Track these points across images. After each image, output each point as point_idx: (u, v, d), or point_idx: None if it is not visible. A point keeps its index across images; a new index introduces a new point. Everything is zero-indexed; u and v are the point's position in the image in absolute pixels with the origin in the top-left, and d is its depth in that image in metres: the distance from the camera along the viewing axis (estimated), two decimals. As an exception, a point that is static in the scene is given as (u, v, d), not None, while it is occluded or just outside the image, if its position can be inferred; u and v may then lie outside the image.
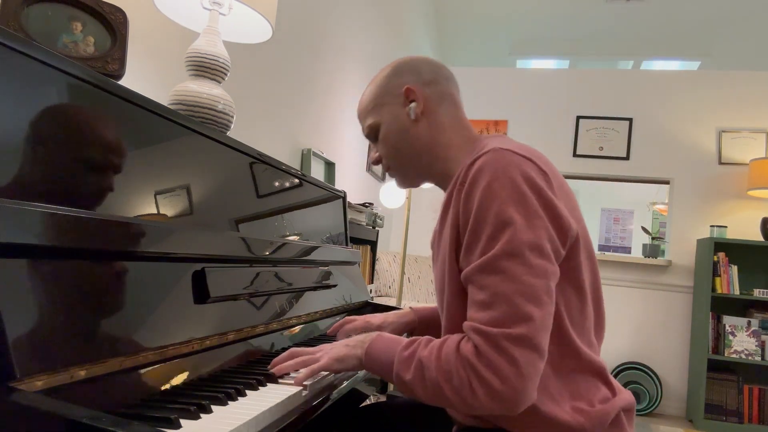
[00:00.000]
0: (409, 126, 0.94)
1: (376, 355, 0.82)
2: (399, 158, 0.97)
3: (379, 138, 0.98)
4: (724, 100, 3.89)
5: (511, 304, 0.72)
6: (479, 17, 5.01)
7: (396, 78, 0.96)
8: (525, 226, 0.74)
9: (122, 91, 0.78)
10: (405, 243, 2.78)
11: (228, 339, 0.86)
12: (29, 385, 0.51)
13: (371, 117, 0.98)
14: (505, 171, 0.77)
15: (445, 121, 0.95)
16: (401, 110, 0.95)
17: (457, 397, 0.73)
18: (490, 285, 0.74)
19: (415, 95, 0.94)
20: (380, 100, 0.97)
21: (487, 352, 0.71)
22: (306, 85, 2.52)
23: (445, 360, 0.75)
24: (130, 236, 0.70)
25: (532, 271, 0.73)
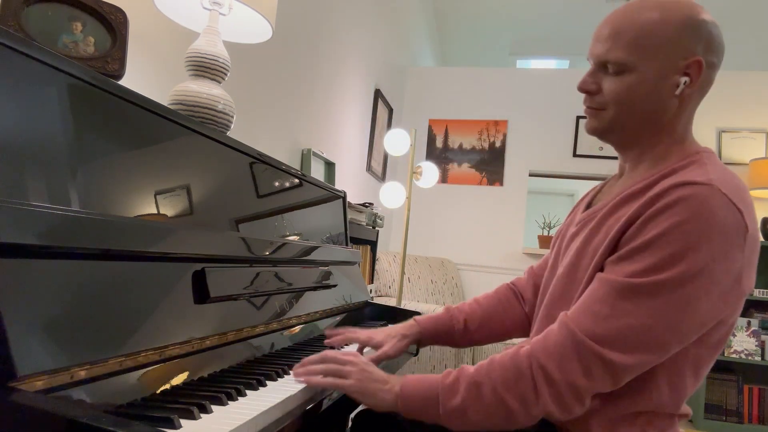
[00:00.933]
0: (665, 96, 0.80)
1: (412, 390, 0.78)
2: (626, 114, 0.82)
3: (621, 80, 0.81)
4: (724, 100, 3.89)
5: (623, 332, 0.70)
6: (479, 17, 5.01)
7: (691, 35, 0.79)
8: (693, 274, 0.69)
9: (122, 91, 0.78)
10: (405, 243, 2.78)
11: (228, 339, 0.86)
12: (29, 385, 0.51)
13: (632, 54, 0.80)
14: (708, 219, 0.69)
15: (690, 111, 0.84)
16: (670, 75, 0.79)
17: (522, 405, 0.72)
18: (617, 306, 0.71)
19: (697, 75, 0.79)
20: (654, 46, 0.79)
21: (567, 354, 0.70)
22: (306, 85, 2.52)
23: (501, 368, 0.74)
24: (131, 236, 0.70)
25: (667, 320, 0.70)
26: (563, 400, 0.71)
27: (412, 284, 3.51)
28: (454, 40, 5.53)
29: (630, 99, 0.81)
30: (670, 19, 0.79)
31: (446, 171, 4.27)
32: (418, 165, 2.94)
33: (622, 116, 0.83)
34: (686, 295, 0.69)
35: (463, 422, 0.75)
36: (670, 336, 0.70)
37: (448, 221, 4.22)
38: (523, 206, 4.10)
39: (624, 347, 0.69)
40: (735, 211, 0.71)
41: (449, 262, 3.98)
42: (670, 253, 0.69)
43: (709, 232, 0.69)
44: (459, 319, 1.10)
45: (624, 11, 0.82)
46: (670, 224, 0.70)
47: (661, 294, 0.69)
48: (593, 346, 0.70)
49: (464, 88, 4.33)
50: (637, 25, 0.80)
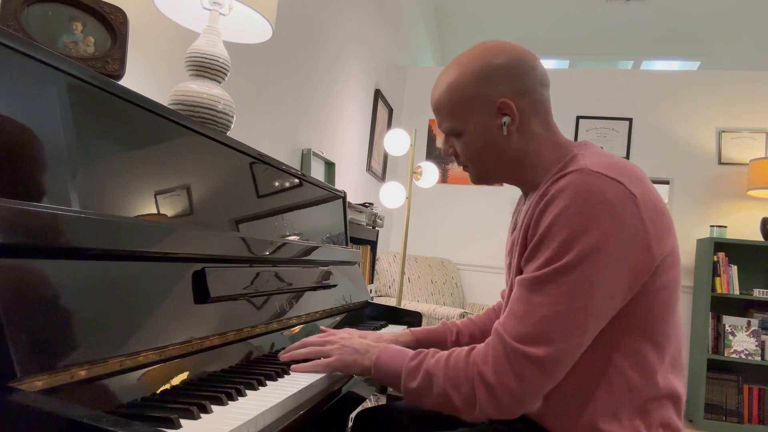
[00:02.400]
0: (499, 139, 0.87)
1: (384, 365, 0.85)
2: (481, 164, 0.91)
3: (461, 141, 0.90)
4: (724, 100, 3.89)
5: (539, 326, 0.73)
6: (479, 17, 5.01)
7: (488, 84, 0.86)
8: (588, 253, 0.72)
9: (122, 91, 0.78)
10: (405, 243, 2.78)
11: (228, 339, 0.86)
12: (29, 385, 0.51)
13: (454, 121, 0.89)
14: (587, 198, 0.74)
15: (537, 131, 0.88)
16: (491, 121, 0.86)
17: (464, 403, 0.77)
18: (531, 300, 0.75)
19: (511, 110, 0.85)
20: (467, 105, 0.87)
21: (498, 358, 0.75)
22: (306, 85, 2.52)
23: (453, 368, 0.78)
24: (131, 236, 0.70)
25: (576, 300, 0.72)
26: (501, 403, 0.74)
27: (412, 284, 3.51)
28: (454, 40, 5.53)
29: (475, 153, 0.90)
30: (468, 76, 0.86)
31: (446, 171, 4.27)
32: (418, 165, 2.94)
33: (481, 166, 0.92)
34: (588, 274, 0.72)
35: (419, 403, 0.82)
36: (584, 317, 0.73)
37: (448, 221, 4.22)
38: (523, 206, 4.10)
39: (545, 340, 0.72)
40: (614, 183, 0.74)
41: (449, 262, 3.98)
42: (561, 240, 0.74)
43: (591, 210, 0.73)
44: (452, 331, 1.15)
45: (436, 83, 0.91)
46: (554, 215, 0.75)
47: (563, 279, 0.73)
48: (518, 347, 0.73)
49: (464, 88, 4.32)
50: (445, 95, 0.89)
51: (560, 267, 0.73)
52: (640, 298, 0.78)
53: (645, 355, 0.79)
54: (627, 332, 0.79)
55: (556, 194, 0.76)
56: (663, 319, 0.80)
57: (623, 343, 0.79)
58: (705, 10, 4.50)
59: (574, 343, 0.73)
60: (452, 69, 0.89)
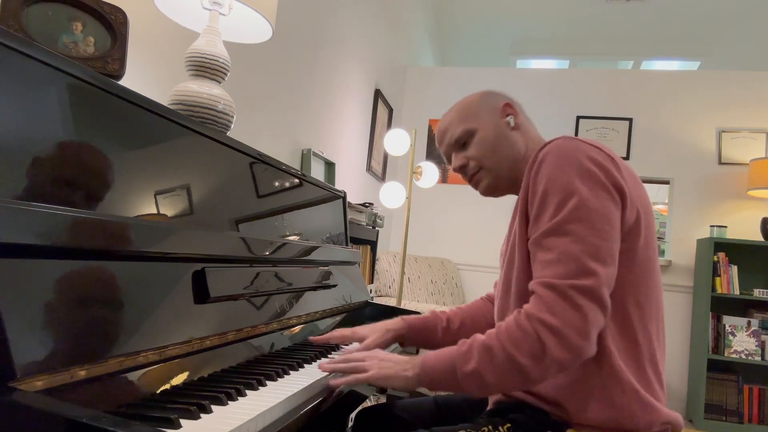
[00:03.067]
0: (508, 132, 1.02)
1: (432, 364, 0.85)
2: (495, 159, 1.01)
3: (474, 142, 1.02)
4: (724, 100, 3.89)
5: (577, 260, 0.79)
6: (479, 17, 5.01)
7: (489, 98, 1.05)
8: (591, 195, 0.81)
9: (122, 91, 0.78)
10: (405, 243, 2.78)
11: (228, 339, 0.86)
12: (29, 385, 0.51)
13: (465, 123, 1.03)
14: (573, 152, 0.85)
15: (533, 134, 1.05)
16: (499, 120, 1.02)
17: (532, 360, 0.77)
18: (558, 245, 0.81)
19: (513, 110, 1.03)
20: (476, 110, 1.03)
21: (552, 301, 0.78)
22: (306, 85, 2.52)
23: (507, 331, 0.80)
24: (130, 236, 0.70)
25: (598, 233, 0.80)
26: (570, 342, 0.77)
27: (412, 284, 3.51)
28: (454, 40, 5.53)
29: (489, 146, 1.01)
30: (470, 98, 1.06)
31: (446, 171, 4.27)
32: (418, 165, 2.94)
33: (494, 162, 1.01)
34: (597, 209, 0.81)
35: (481, 384, 0.81)
36: (609, 245, 0.81)
37: (448, 221, 4.22)
38: (523, 206, 4.10)
39: (586, 271, 0.78)
40: (592, 147, 0.86)
41: (449, 262, 3.98)
42: (563, 186, 0.82)
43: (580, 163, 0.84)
44: (442, 319, 1.19)
45: (443, 116, 1.08)
46: (549, 170, 0.85)
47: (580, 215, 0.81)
48: (567, 282, 0.78)
49: (464, 88, 4.33)
50: (456, 111, 1.05)
51: (572, 207, 0.81)
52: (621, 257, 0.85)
53: (628, 313, 0.86)
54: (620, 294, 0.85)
55: (545, 155, 0.86)
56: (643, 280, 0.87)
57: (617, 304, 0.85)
58: (705, 10, 4.50)
59: (609, 270, 0.80)
60: (453, 105, 1.08)
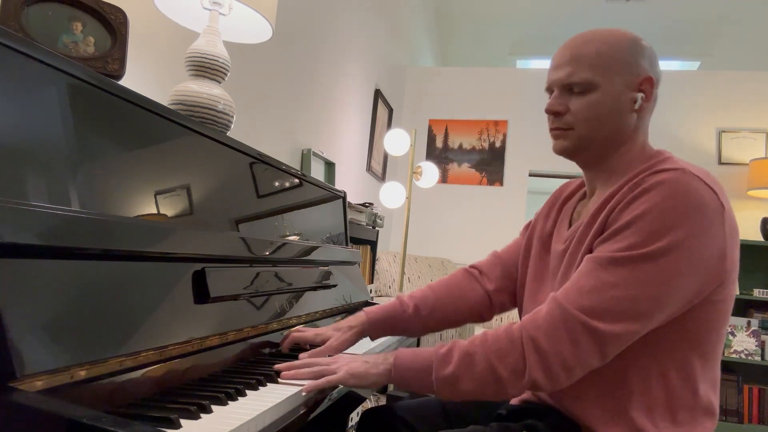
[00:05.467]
0: (627, 110, 0.87)
1: (407, 363, 0.82)
2: (592, 130, 0.88)
3: (588, 98, 0.87)
4: (724, 100, 3.89)
5: (609, 302, 0.73)
6: (479, 17, 5.01)
7: (639, 57, 0.87)
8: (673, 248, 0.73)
9: (122, 91, 0.78)
10: (405, 243, 2.78)
11: (228, 339, 0.86)
12: (29, 385, 0.51)
13: (594, 73, 0.86)
14: (685, 192, 0.75)
15: (646, 126, 0.92)
16: (627, 92, 0.87)
17: (512, 374, 0.75)
18: (602, 279, 0.75)
19: (649, 90, 0.88)
20: (612, 65, 0.87)
21: (555, 324, 0.74)
22: (306, 85, 2.52)
23: (495, 341, 0.77)
24: (130, 236, 0.70)
25: (647, 292, 0.73)
26: (550, 369, 0.74)
27: (412, 284, 3.51)
28: (454, 40, 5.53)
29: (596, 115, 0.87)
30: (621, 41, 0.87)
31: (446, 171, 4.27)
32: (418, 165, 2.94)
33: (590, 132, 0.88)
34: (667, 268, 0.73)
35: (454, 390, 0.79)
36: (652, 306, 0.74)
37: (448, 221, 4.21)
38: (523, 206, 4.10)
39: (609, 317, 0.73)
40: (709, 191, 0.77)
41: (449, 262, 3.98)
42: (650, 230, 0.74)
43: (686, 209, 0.74)
44: (408, 305, 1.09)
45: (579, 39, 0.90)
46: (649, 205, 0.76)
47: (643, 266, 0.74)
48: (579, 316, 0.73)
49: (464, 88, 4.33)
50: (594, 48, 0.87)
51: (643, 254, 0.74)
52: (700, 308, 0.79)
53: (692, 366, 0.80)
54: (679, 341, 0.80)
55: (654, 185, 0.77)
56: (715, 333, 0.81)
57: (674, 350, 0.80)
58: (705, 10, 4.50)
59: (634, 329, 0.74)
60: (603, 30, 0.89)
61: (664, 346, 0.80)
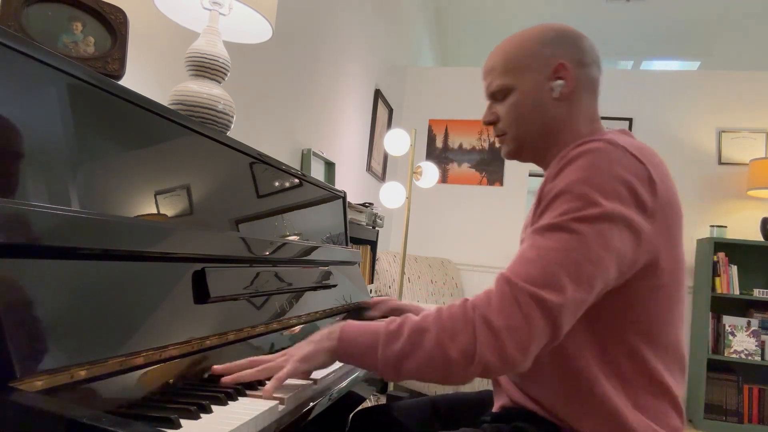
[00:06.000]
0: (548, 102, 0.88)
1: (353, 338, 0.77)
2: (522, 130, 0.91)
3: (508, 102, 0.91)
4: (724, 100, 3.89)
5: (551, 269, 0.71)
6: (479, 17, 5.01)
7: (548, 45, 0.88)
8: (605, 215, 0.72)
9: (122, 91, 0.78)
10: (405, 243, 2.78)
11: (228, 339, 0.86)
12: (29, 385, 0.51)
13: (506, 77, 0.90)
14: (608, 162, 0.75)
15: (584, 109, 0.91)
16: (545, 83, 0.88)
17: (462, 355, 0.70)
18: (543, 246, 0.73)
19: (567, 74, 0.88)
20: (524, 62, 0.89)
21: (506, 300, 0.70)
22: (306, 85, 2.52)
23: (448, 318, 0.73)
24: (130, 236, 0.70)
25: (587, 254, 0.71)
26: (505, 350, 0.69)
27: (412, 284, 3.51)
28: (454, 40, 5.53)
29: (520, 114, 0.90)
30: (527, 38, 0.90)
31: (446, 171, 4.27)
32: (418, 165, 2.94)
33: (521, 132, 0.91)
34: (604, 231, 0.72)
35: (398, 370, 0.74)
36: (594, 271, 0.72)
37: (448, 221, 4.22)
38: (523, 206, 4.10)
39: (556, 285, 0.70)
40: (635, 161, 0.77)
41: (449, 262, 3.98)
42: (579, 196, 0.74)
43: (612, 176, 0.74)
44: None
45: (494, 50, 0.94)
46: (575, 174, 0.76)
47: (581, 228, 0.73)
48: (529, 288, 0.70)
49: (464, 88, 4.33)
50: (503, 54, 0.91)
51: (579, 217, 0.73)
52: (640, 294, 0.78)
53: (642, 354, 0.79)
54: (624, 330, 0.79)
55: (579, 155, 0.77)
56: (660, 319, 0.80)
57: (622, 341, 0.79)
58: (705, 10, 4.50)
59: (580, 295, 0.71)
60: (515, 33, 0.92)
61: (613, 338, 0.79)
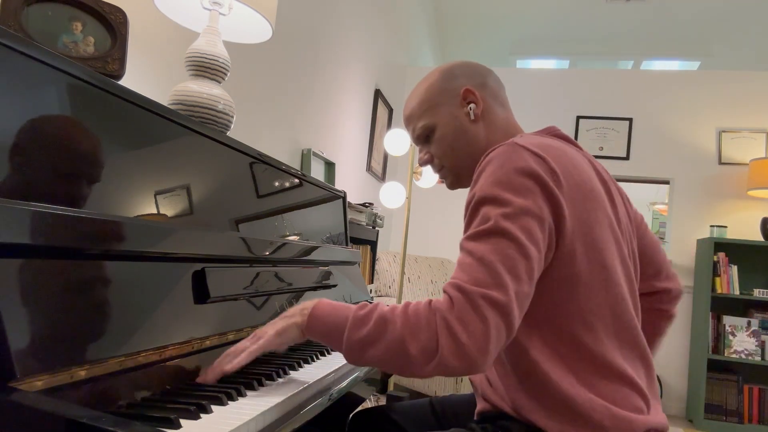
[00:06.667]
0: (468, 126, 0.97)
1: (323, 316, 0.80)
2: (456, 158, 0.98)
3: (434, 138, 0.99)
4: (724, 100, 3.89)
5: (492, 270, 0.74)
6: (479, 17, 5.01)
7: (450, 80, 0.98)
8: (522, 210, 0.77)
9: (122, 91, 0.78)
10: (405, 243, 2.78)
11: (228, 339, 0.86)
12: (29, 385, 0.51)
13: (425, 118, 0.99)
14: (511, 161, 0.80)
15: (499, 122, 0.99)
16: (459, 111, 0.97)
17: (422, 353, 0.73)
18: (477, 251, 0.77)
19: (474, 96, 0.96)
20: (436, 101, 0.98)
21: (461, 306, 0.73)
22: (306, 85, 2.52)
23: (414, 315, 0.75)
24: (130, 236, 0.70)
25: (519, 249, 0.76)
26: (466, 353, 0.71)
27: (412, 284, 3.51)
28: (454, 40, 5.53)
29: (449, 145, 0.98)
30: (431, 81, 1.00)
31: (446, 171, 4.26)
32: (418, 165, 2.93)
33: (455, 161, 0.99)
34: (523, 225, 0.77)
35: (361, 355, 0.77)
36: (527, 262, 0.76)
37: (448, 221, 4.22)
38: (523, 206, 4.10)
39: (500, 284, 0.73)
40: (536, 158, 0.81)
41: (449, 262, 3.98)
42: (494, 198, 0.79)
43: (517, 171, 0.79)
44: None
45: (406, 102, 1.04)
46: (486, 179, 0.81)
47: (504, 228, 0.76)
48: (478, 290, 0.73)
49: (464, 88, 4.33)
50: (416, 101, 1.01)
51: (501, 216, 0.77)
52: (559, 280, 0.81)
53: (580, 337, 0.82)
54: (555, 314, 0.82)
55: (486, 163, 0.83)
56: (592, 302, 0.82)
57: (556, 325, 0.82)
58: (705, 10, 4.50)
59: (524, 288, 0.75)
60: (417, 84, 1.03)
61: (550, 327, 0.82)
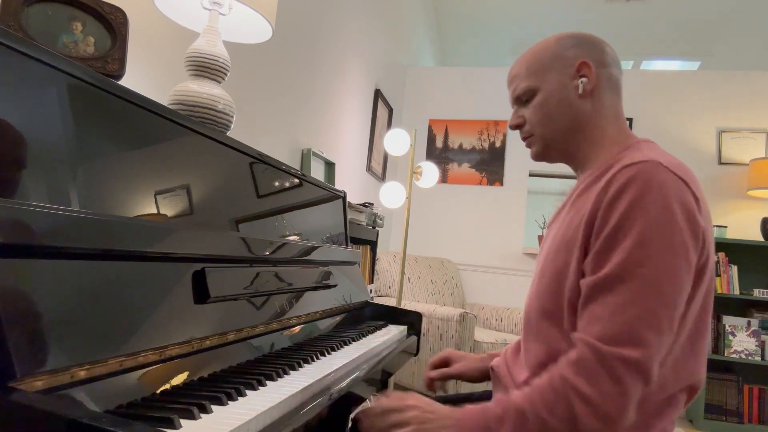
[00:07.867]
0: (574, 100, 0.91)
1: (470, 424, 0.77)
2: (551, 129, 0.93)
3: (534, 103, 0.94)
4: (724, 100, 3.89)
5: (630, 326, 0.70)
6: (479, 17, 5.01)
7: (573, 47, 0.92)
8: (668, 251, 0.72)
9: (122, 91, 0.78)
10: (405, 243, 2.78)
11: (228, 339, 0.86)
12: (29, 385, 0.51)
13: (530, 80, 0.94)
14: (660, 189, 0.74)
15: (608, 107, 0.93)
16: (569, 81, 0.92)
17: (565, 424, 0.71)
18: (613, 302, 0.72)
19: (589, 72, 0.91)
20: (547, 65, 0.93)
21: (592, 367, 0.71)
22: (306, 85, 2.52)
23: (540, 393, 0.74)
24: (130, 236, 0.70)
25: (661, 299, 0.71)
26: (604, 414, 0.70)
27: (412, 284, 3.51)
28: (454, 40, 5.53)
29: (546, 114, 0.93)
30: (549, 43, 0.95)
31: (446, 171, 4.27)
32: (418, 165, 2.94)
33: (548, 131, 0.94)
34: (667, 269, 0.72)
35: None
36: (671, 313, 0.72)
37: (448, 221, 4.22)
38: (523, 206, 4.11)
39: (638, 340, 0.70)
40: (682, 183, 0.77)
41: (449, 262, 3.97)
42: (638, 233, 0.73)
43: (665, 201, 0.74)
44: None
45: (517, 59, 0.99)
46: (627, 205, 0.75)
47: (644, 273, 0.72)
48: (611, 350, 0.70)
49: (464, 88, 4.33)
50: (526, 60, 0.96)
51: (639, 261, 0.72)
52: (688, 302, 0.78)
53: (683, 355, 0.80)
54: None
55: (628, 183, 0.76)
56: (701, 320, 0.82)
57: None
58: (705, 10, 4.50)
59: (665, 340, 0.72)
60: (532, 46, 0.96)
61: None
